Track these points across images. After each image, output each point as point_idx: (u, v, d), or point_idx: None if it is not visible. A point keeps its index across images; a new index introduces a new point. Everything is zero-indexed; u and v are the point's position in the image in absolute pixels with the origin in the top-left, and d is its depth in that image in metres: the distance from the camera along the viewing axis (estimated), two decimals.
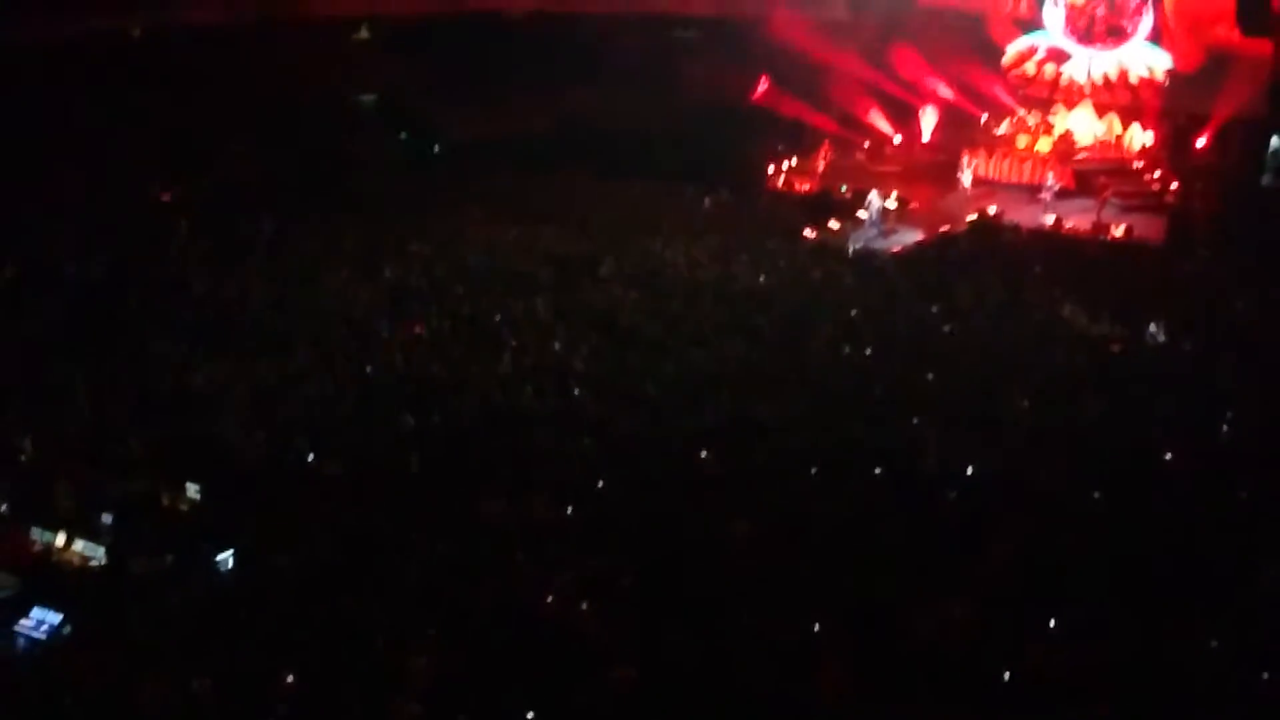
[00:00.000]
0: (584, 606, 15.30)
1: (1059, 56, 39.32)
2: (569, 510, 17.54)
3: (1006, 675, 14.10)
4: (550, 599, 15.36)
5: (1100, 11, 38.77)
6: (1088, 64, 39.03)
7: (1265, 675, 14.24)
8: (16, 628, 14.75)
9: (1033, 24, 39.83)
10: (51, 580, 15.82)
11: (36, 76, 30.87)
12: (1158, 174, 37.33)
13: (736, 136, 37.09)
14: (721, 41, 39.58)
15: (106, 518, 16.75)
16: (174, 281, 25.86)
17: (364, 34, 37.48)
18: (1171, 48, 38.53)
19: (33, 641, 14.66)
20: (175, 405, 20.33)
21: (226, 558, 16.15)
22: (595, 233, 29.93)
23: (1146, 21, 38.44)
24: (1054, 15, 39.22)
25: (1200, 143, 37.47)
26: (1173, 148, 38.12)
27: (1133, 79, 38.57)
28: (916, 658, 14.47)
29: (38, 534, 16.58)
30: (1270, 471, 19.09)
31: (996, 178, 37.63)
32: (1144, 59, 38.57)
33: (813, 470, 18.93)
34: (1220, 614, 15.32)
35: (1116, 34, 38.71)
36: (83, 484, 17.39)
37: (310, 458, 18.94)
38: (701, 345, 23.75)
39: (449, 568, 16.02)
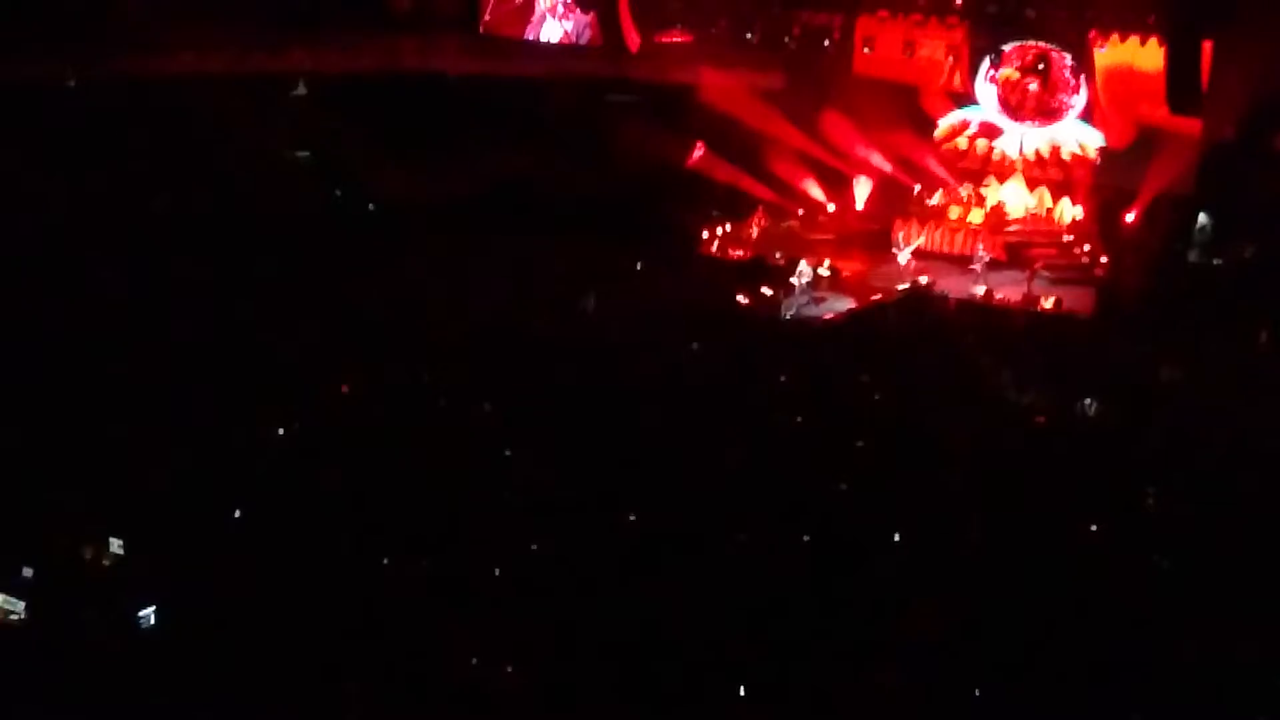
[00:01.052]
0: (509, 669, 15.29)
1: (991, 132, 39.81)
2: (496, 571, 17.53)
3: None
4: (475, 660, 15.33)
5: (1033, 88, 39.32)
6: (1020, 140, 39.52)
7: None
8: None
9: (966, 98, 40.30)
10: None
11: None
12: (1087, 247, 37.80)
13: (671, 202, 37.23)
14: (658, 107, 39.76)
15: (26, 571, 16.54)
16: (97, 333, 25.55)
17: (300, 90, 37.34)
18: (1102, 124, 39.11)
19: None
20: (98, 460, 20.12)
21: (149, 614, 16.01)
22: (528, 295, 29.89)
23: (1080, 100, 39.02)
24: (987, 91, 39.71)
25: (1129, 217, 37.92)
26: (1102, 222, 38.58)
27: (1065, 155, 39.12)
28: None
29: None
30: (1195, 544, 19.33)
31: (929, 248, 37.96)
32: (1076, 136, 39.15)
33: (740, 536, 18.97)
34: (1143, 686, 15.44)
35: (1048, 113, 39.28)
36: (2, 538, 17.20)
37: (236, 513, 18.82)
38: (631, 410, 23.76)
39: (373, 625, 15.96)
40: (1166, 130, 37.12)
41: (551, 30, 41.66)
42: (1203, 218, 34.56)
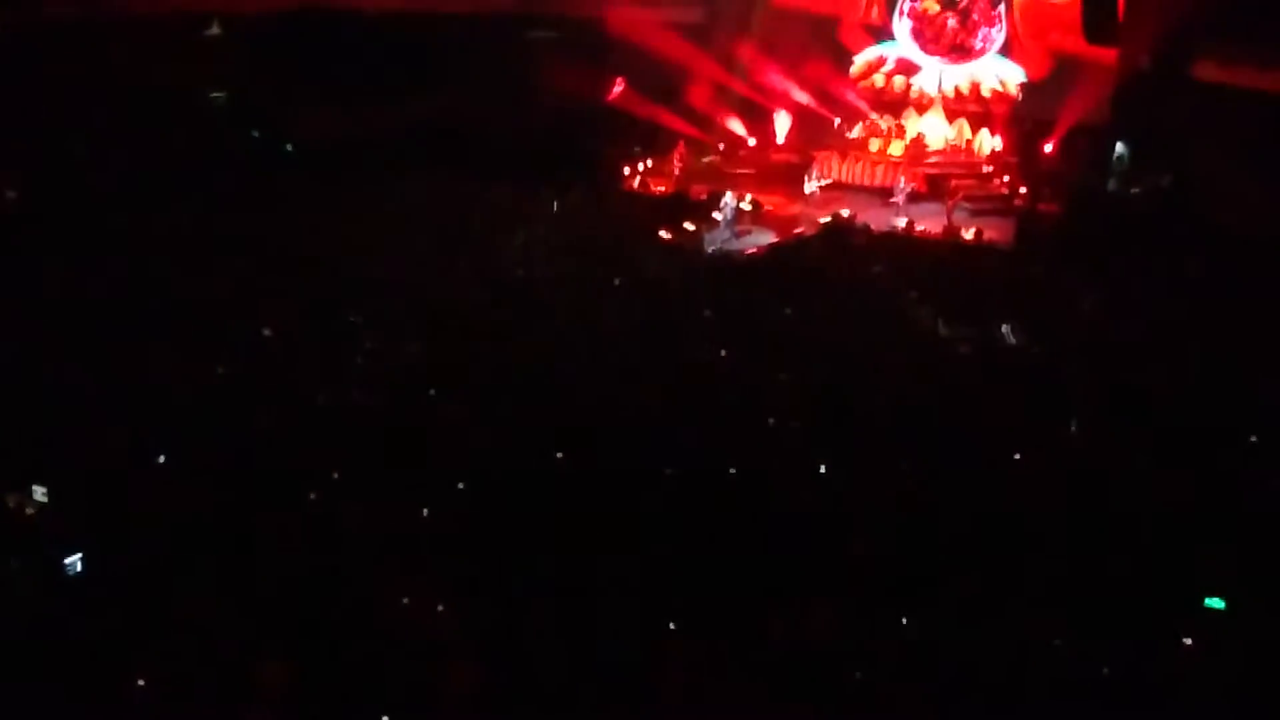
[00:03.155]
0: (440, 608, 15.25)
1: (908, 68, 39.81)
2: (424, 511, 17.47)
3: (858, 675, 14.24)
4: (407, 600, 15.27)
5: (952, 24, 39.28)
6: (938, 76, 39.53)
7: (1105, 670, 14.50)
8: None
9: (884, 32, 40.27)
10: None
11: None
12: (1006, 179, 37.97)
13: (591, 138, 37.08)
14: (577, 43, 39.52)
15: None
16: (19, 278, 25.23)
17: (215, 30, 36.83)
18: (1020, 56, 39.20)
19: None
20: (18, 405, 19.86)
21: (74, 561, 15.85)
22: (446, 232, 29.69)
23: (999, 36, 39.04)
24: (903, 26, 39.67)
25: (1048, 148, 38.13)
26: (1021, 153, 38.78)
27: (985, 92, 39.19)
28: (773, 659, 14.58)
29: None
30: (1116, 470, 19.53)
31: (850, 180, 38.02)
32: (996, 72, 39.20)
33: (667, 471, 18.98)
34: (1063, 613, 15.59)
35: (964, 51, 39.27)
36: None
37: (161, 458, 18.64)
38: (555, 346, 23.71)
39: (303, 571, 15.86)
40: (1082, 60, 37.28)
41: None
42: (1119, 147, 34.78)
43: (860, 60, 40.40)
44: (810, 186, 36.96)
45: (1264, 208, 30.42)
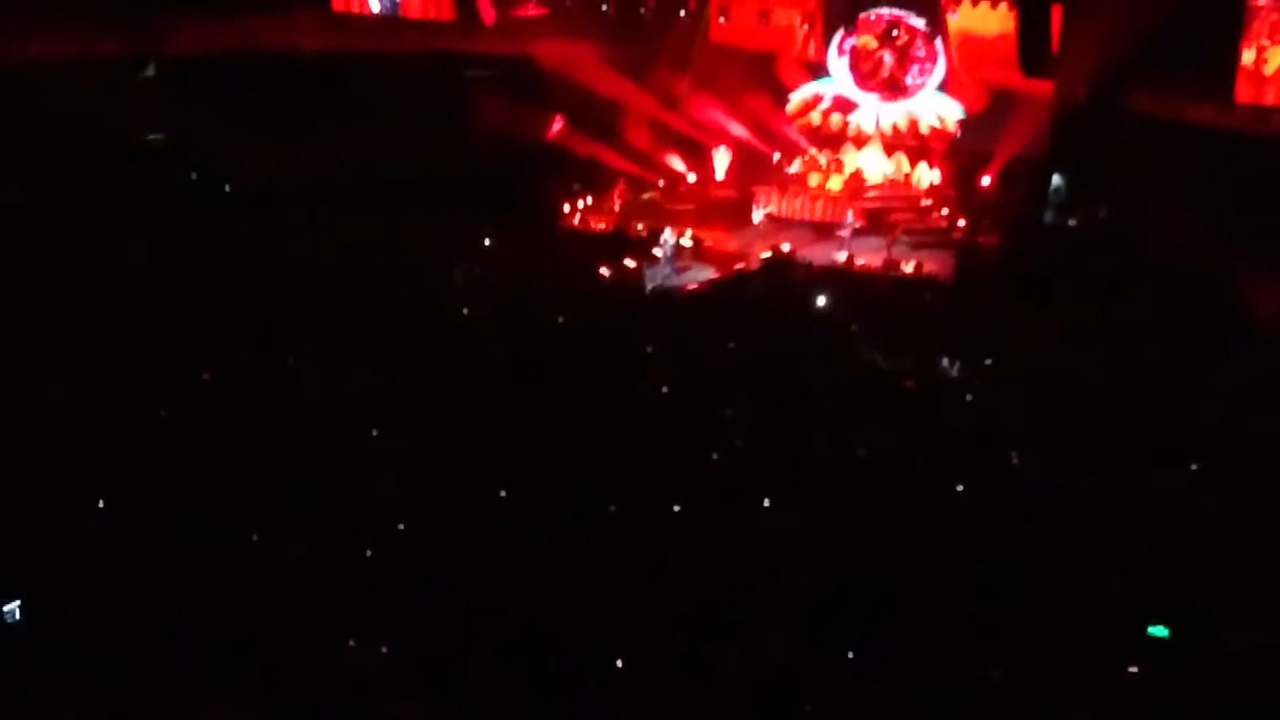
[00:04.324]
0: (383, 650, 15.23)
1: (845, 106, 39.98)
2: (368, 552, 17.44)
3: (808, 708, 14.30)
4: (352, 643, 15.24)
5: (888, 60, 39.52)
6: (875, 113, 39.73)
7: (1052, 698, 14.64)
8: None
9: (820, 69, 40.48)
10: None
11: None
12: (945, 211, 38.20)
13: (531, 176, 37.14)
14: (515, 81, 39.60)
15: None
16: None
17: (150, 70, 36.71)
18: (957, 90, 39.50)
19: None
20: None
21: (13, 609, 15.75)
22: (385, 271, 29.65)
23: (937, 73, 39.29)
24: (839, 64, 39.88)
25: (986, 181, 38.41)
26: (960, 185, 39.03)
27: (923, 129, 39.38)
28: (724, 693, 14.64)
29: None
30: (1056, 499, 19.70)
31: (790, 215, 38.19)
32: (935, 109, 39.41)
33: (610, 507, 19.01)
34: (1009, 644, 15.70)
35: (899, 89, 39.50)
36: None
37: (100, 504, 18.55)
38: (498, 384, 23.71)
39: (248, 611, 15.82)
40: (1019, 93, 37.63)
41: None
42: (1056, 179, 35.09)
43: (796, 98, 40.51)
44: (758, 216, 37.22)
45: (1199, 238, 30.76)
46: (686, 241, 34.39)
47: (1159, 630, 16.30)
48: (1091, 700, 14.74)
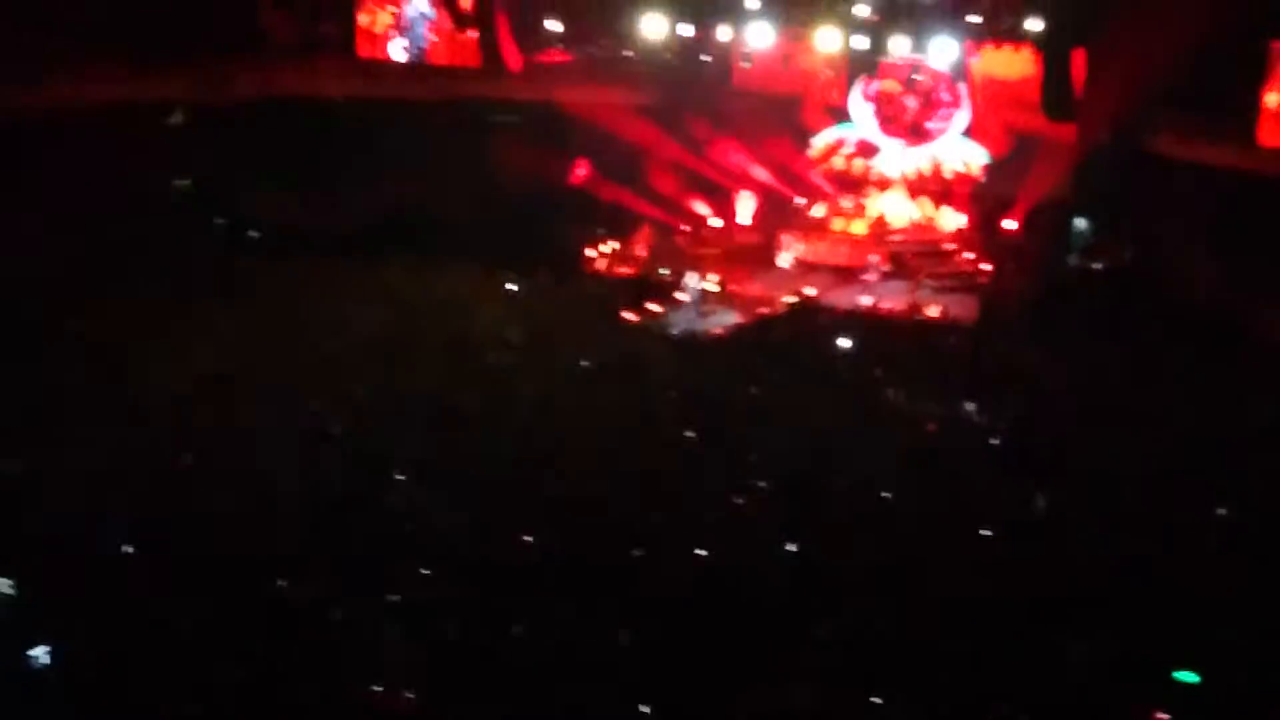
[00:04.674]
0: (409, 695, 15.24)
1: (868, 150, 39.91)
2: (390, 599, 17.46)
3: None
4: (376, 688, 15.26)
5: (911, 104, 39.49)
6: (899, 158, 39.63)
7: None
8: None
9: (843, 113, 40.49)
10: None
11: None
12: (970, 255, 38.16)
13: (556, 221, 37.23)
14: (541, 126, 39.73)
15: None
16: None
17: (178, 118, 36.94)
18: (980, 135, 39.50)
19: None
20: None
21: (41, 652, 15.80)
22: (412, 317, 29.74)
23: (959, 120, 39.25)
24: (863, 110, 39.86)
25: (1010, 224, 38.38)
26: (984, 229, 38.97)
27: (947, 174, 39.25)
28: None
29: None
30: (1079, 546, 19.68)
31: (814, 259, 38.17)
32: (960, 154, 39.28)
33: (634, 553, 19.03)
34: (1036, 691, 15.64)
35: (921, 134, 39.45)
36: None
37: (128, 549, 18.61)
38: (523, 428, 23.77)
39: (266, 659, 15.86)
40: (1042, 137, 37.61)
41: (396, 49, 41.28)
42: (1081, 222, 35.08)
43: (819, 142, 40.39)
44: (784, 260, 37.33)
45: (1226, 281, 30.76)
46: (711, 286, 34.37)
47: (1188, 676, 16.25)
48: None
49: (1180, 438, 24.34)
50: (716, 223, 40.60)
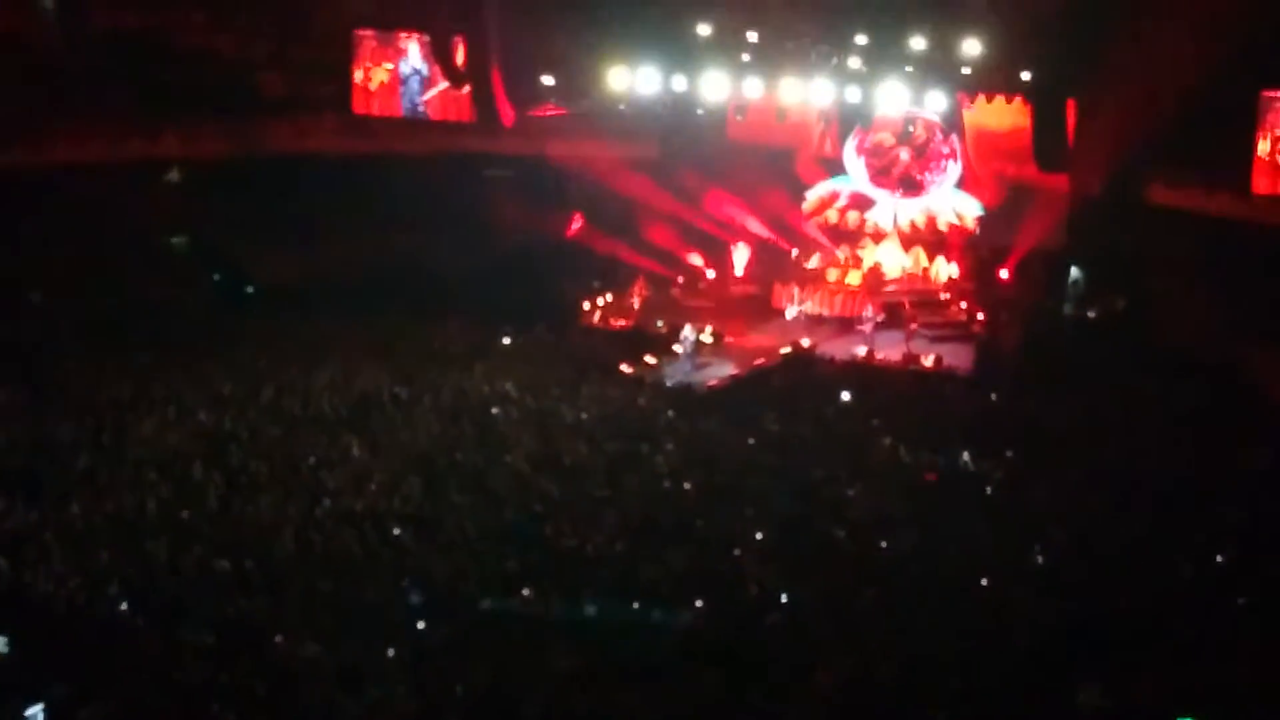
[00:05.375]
0: None
1: (862, 203, 40.06)
2: (389, 653, 17.46)
3: None
4: None
5: (904, 157, 39.64)
6: (893, 210, 39.77)
7: None
8: None
9: (837, 165, 40.65)
10: None
11: None
12: (964, 304, 38.26)
13: (551, 274, 37.34)
14: (535, 180, 39.90)
15: None
16: None
17: (175, 175, 37.14)
18: (974, 185, 39.66)
19: None
20: None
21: (36, 712, 15.77)
22: (410, 372, 29.76)
23: (952, 171, 39.40)
24: (856, 162, 40.03)
25: (1004, 274, 38.50)
26: (978, 279, 39.06)
27: (941, 225, 39.40)
28: None
29: None
30: (1080, 591, 19.69)
31: (809, 311, 38.29)
32: (953, 205, 39.42)
33: (635, 604, 19.04)
34: None
35: (914, 186, 39.61)
36: None
37: (123, 606, 18.60)
38: (520, 482, 23.77)
39: (263, 713, 15.87)
40: (1035, 187, 37.75)
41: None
42: (1074, 271, 35.19)
43: (813, 195, 40.54)
44: (791, 312, 37.64)
45: (1219, 327, 30.83)
46: (707, 338, 34.47)
47: None
48: None
49: (1177, 482, 24.38)
50: (711, 274, 40.72)
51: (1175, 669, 17.47)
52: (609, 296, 38.06)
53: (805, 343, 34.88)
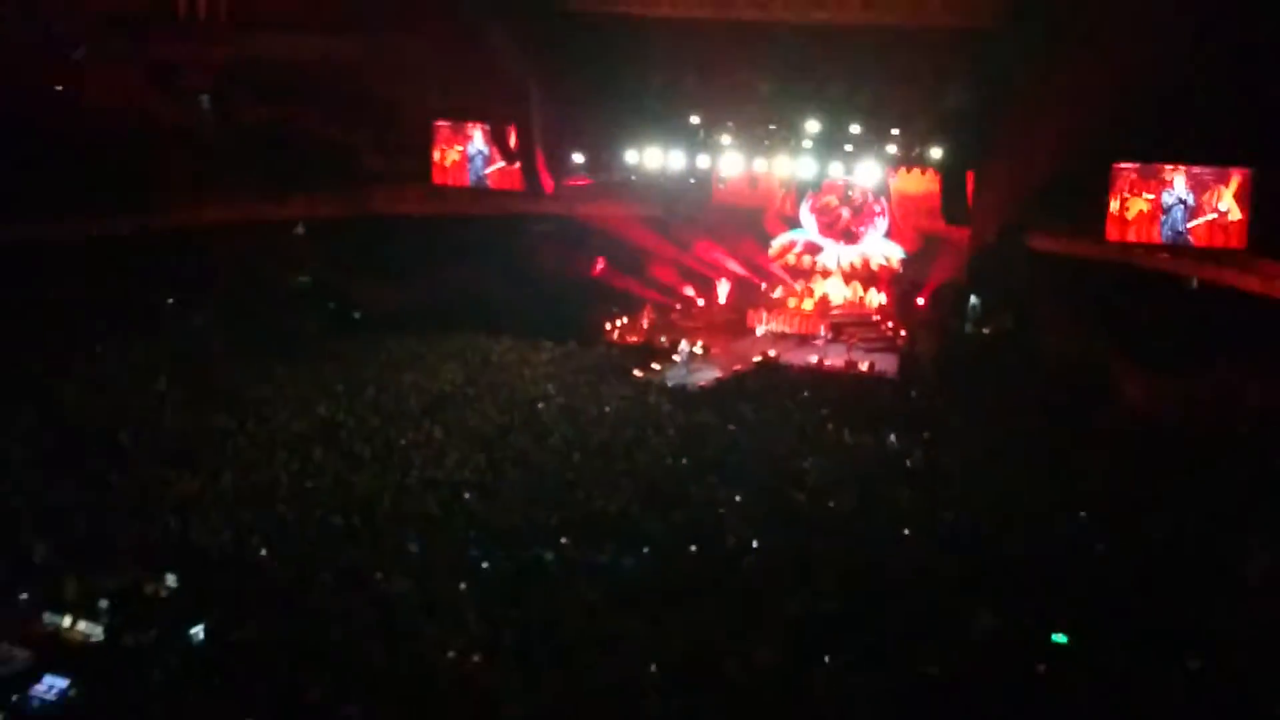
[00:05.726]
0: (476, 659, 15.28)
1: (813, 249, 40.20)
2: (461, 587, 17.47)
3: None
4: (451, 655, 15.33)
5: (845, 214, 39.84)
6: (837, 255, 39.94)
7: None
8: (32, 692, 14.48)
9: (795, 220, 40.78)
10: (60, 654, 15.50)
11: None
12: (890, 324, 38.33)
13: (580, 303, 37.45)
14: (569, 232, 40.04)
15: (103, 603, 16.42)
16: (152, 420, 25.19)
17: (300, 230, 37.42)
18: (897, 235, 39.75)
19: (45, 703, 14.38)
20: (157, 514, 19.86)
21: (198, 631, 15.84)
22: (475, 376, 29.83)
23: (882, 224, 39.58)
24: (809, 219, 40.22)
25: (920, 301, 38.47)
26: (901, 305, 39.09)
27: (874, 265, 39.49)
28: (730, 692, 14.77)
29: (49, 617, 16.24)
30: (979, 539, 19.71)
31: (775, 330, 38.43)
32: (882, 251, 39.60)
33: (645, 549, 19.09)
34: (960, 674, 15.43)
35: (852, 236, 39.77)
36: (84, 578, 16.96)
37: (263, 552, 18.65)
38: (559, 457, 23.80)
39: (368, 634, 15.94)
40: (944, 237, 37.88)
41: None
42: (973, 299, 35.18)
43: (776, 243, 40.58)
44: (760, 330, 37.96)
45: (1082, 341, 30.99)
46: (698, 350, 34.57)
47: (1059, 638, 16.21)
48: None
49: (1050, 462, 24.45)
50: (701, 302, 40.74)
51: (1050, 599, 17.47)
52: (624, 319, 38.08)
53: (772, 354, 34.99)
